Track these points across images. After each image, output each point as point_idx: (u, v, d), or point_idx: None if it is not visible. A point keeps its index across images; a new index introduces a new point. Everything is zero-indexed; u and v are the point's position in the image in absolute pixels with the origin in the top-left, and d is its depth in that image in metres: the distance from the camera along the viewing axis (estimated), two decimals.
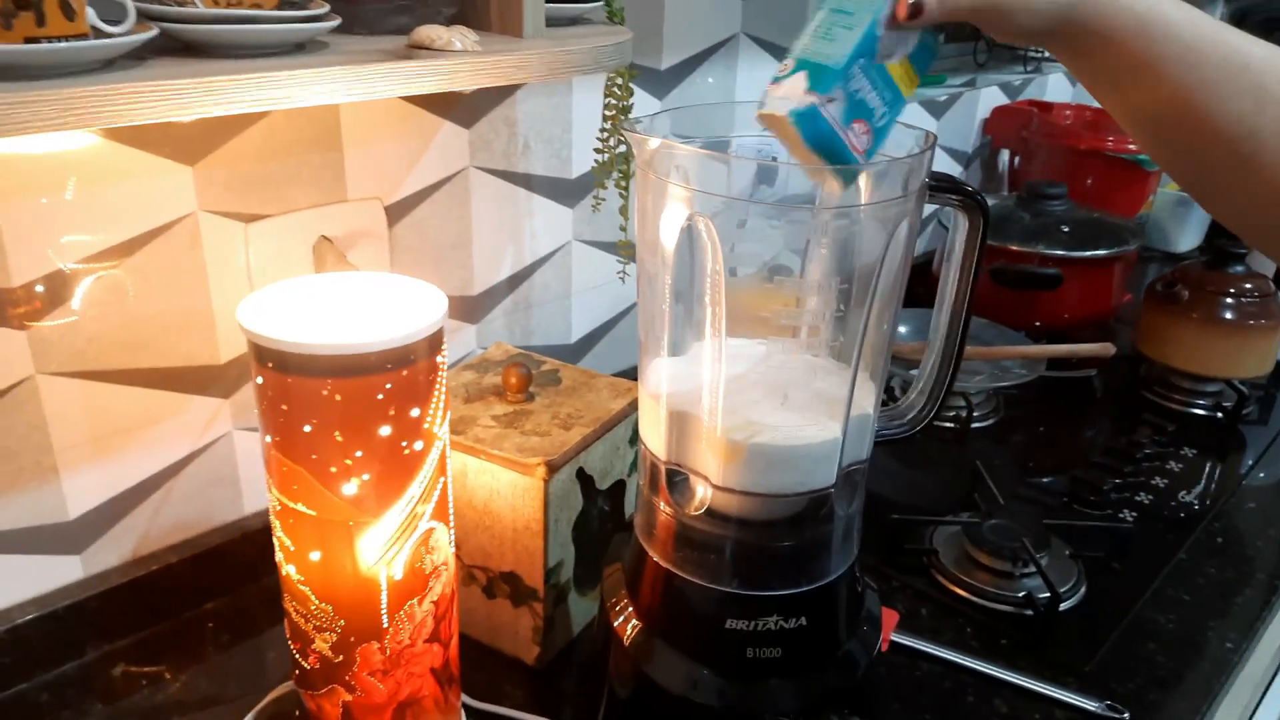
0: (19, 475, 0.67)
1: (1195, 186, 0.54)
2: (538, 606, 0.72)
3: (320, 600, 0.55)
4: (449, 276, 0.89)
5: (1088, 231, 1.31)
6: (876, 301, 0.53)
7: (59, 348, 0.66)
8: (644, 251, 0.56)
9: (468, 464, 0.70)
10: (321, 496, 0.52)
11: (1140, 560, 0.92)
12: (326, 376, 0.49)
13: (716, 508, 0.56)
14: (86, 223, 0.65)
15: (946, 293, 0.59)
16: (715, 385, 0.54)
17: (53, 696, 0.69)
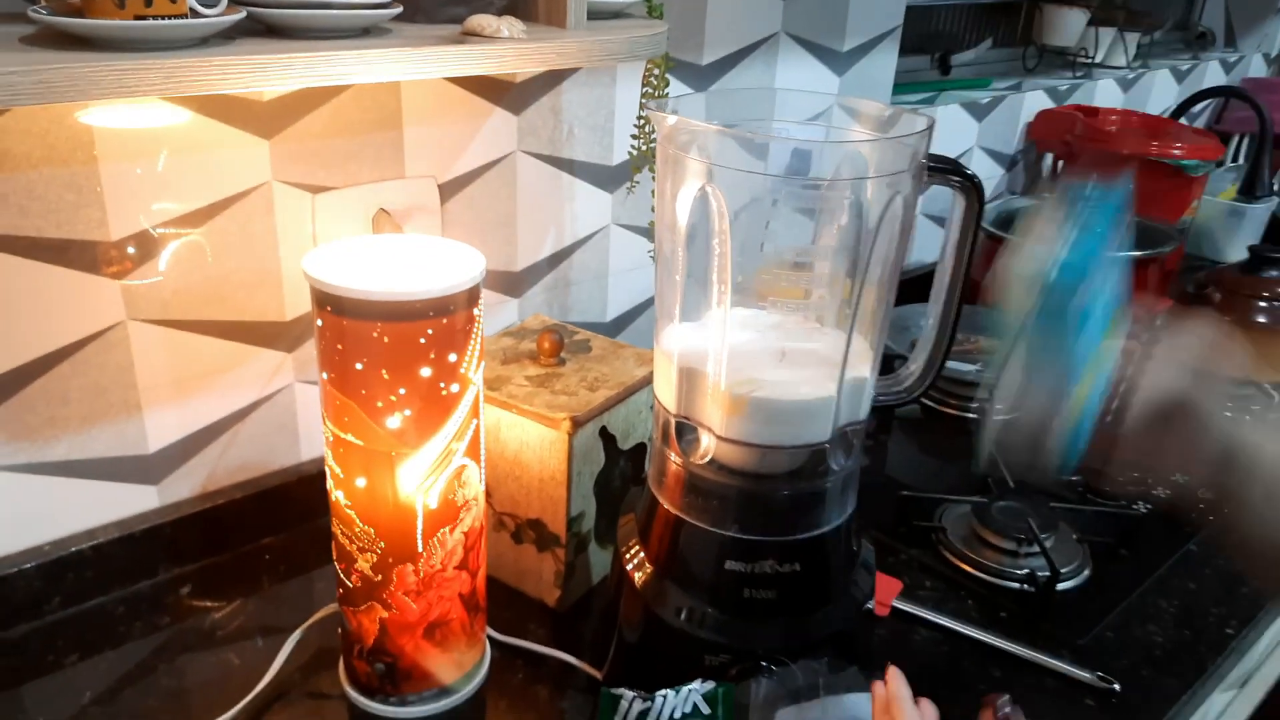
0: (109, 409, 0.75)
1: None
2: (560, 552, 0.79)
3: (364, 523, 0.62)
4: (494, 252, 0.96)
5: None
6: (871, 271, 0.58)
7: (147, 298, 0.74)
8: (661, 224, 0.62)
9: (501, 418, 0.77)
10: (368, 428, 0.59)
11: (1148, 548, 0.94)
12: (377, 320, 0.56)
13: (719, 458, 0.62)
14: (175, 189, 0.73)
15: (945, 269, 0.63)
16: (721, 346, 0.59)
17: (127, 610, 0.77)
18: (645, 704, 0.62)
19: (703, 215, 0.58)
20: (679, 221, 0.59)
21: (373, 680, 0.68)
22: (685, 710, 0.62)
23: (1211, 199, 1.74)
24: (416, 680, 0.68)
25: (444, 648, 0.68)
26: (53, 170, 0.67)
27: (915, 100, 1.48)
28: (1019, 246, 0.64)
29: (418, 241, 0.64)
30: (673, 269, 0.61)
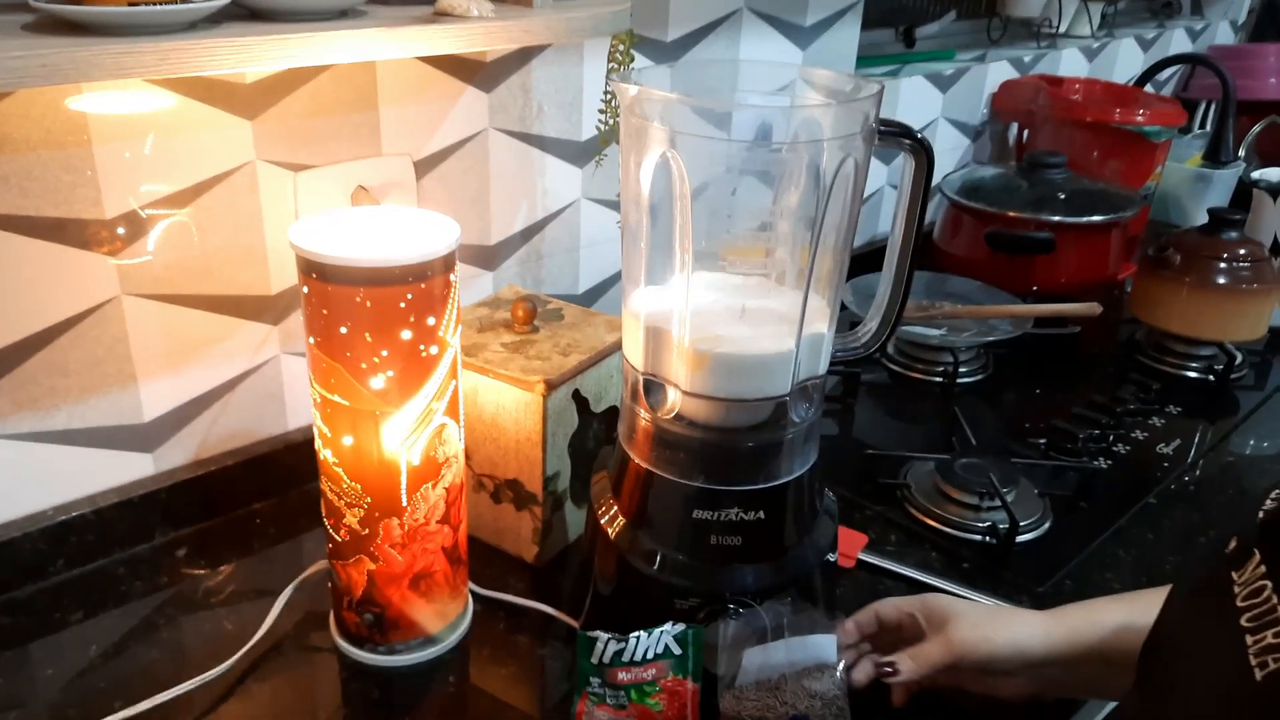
0: (105, 380, 0.78)
1: None
2: (537, 510, 0.83)
3: (351, 480, 0.66)
4: (469, 226, 0.99)
5: (1085, 199, 1.37)
6: (826, 232, 0.62)
7: (139, 274, 0.78)
8: (626, 194, 0.66)
9: (479, 383, 0.80)
10: (353, 389, 0.63)
11: (1108, 501, 0.97)
12: (359, 286, 0.59)
13: (685, 412, 0.66)
14: (164, 169, 0.76)
15: (897, 231, 0.67)
16: (685, 307, 0.63)
17: (128, 571, 0.81)
18: (620, 644, 0.66)
19: (665, 183, 0.61)
20: (643, 189, 0.62)
21: (362, 630, 0.72)
22: (657, 650, 0.66)
23: (1178, 165, 1.77)
24: (403, 629, 0.72)
25: (429, 598, 0.72)
26: (50, 153, 0.70)
27: (879, 73, 1.51)
28: None
29: (396, 212, 0.68)
30: (638, 236, 0.65)
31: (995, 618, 0.65)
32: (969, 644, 0.63)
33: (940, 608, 0.66)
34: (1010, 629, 0.64)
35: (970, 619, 0.65)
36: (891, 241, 0.71)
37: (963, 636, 0.63)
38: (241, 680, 0.71)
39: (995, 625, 0.64)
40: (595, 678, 0.66)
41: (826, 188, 0.61)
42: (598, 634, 0.66)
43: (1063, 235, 1.33)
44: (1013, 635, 0.63)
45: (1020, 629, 0.64)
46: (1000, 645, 0.63)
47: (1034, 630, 0.64)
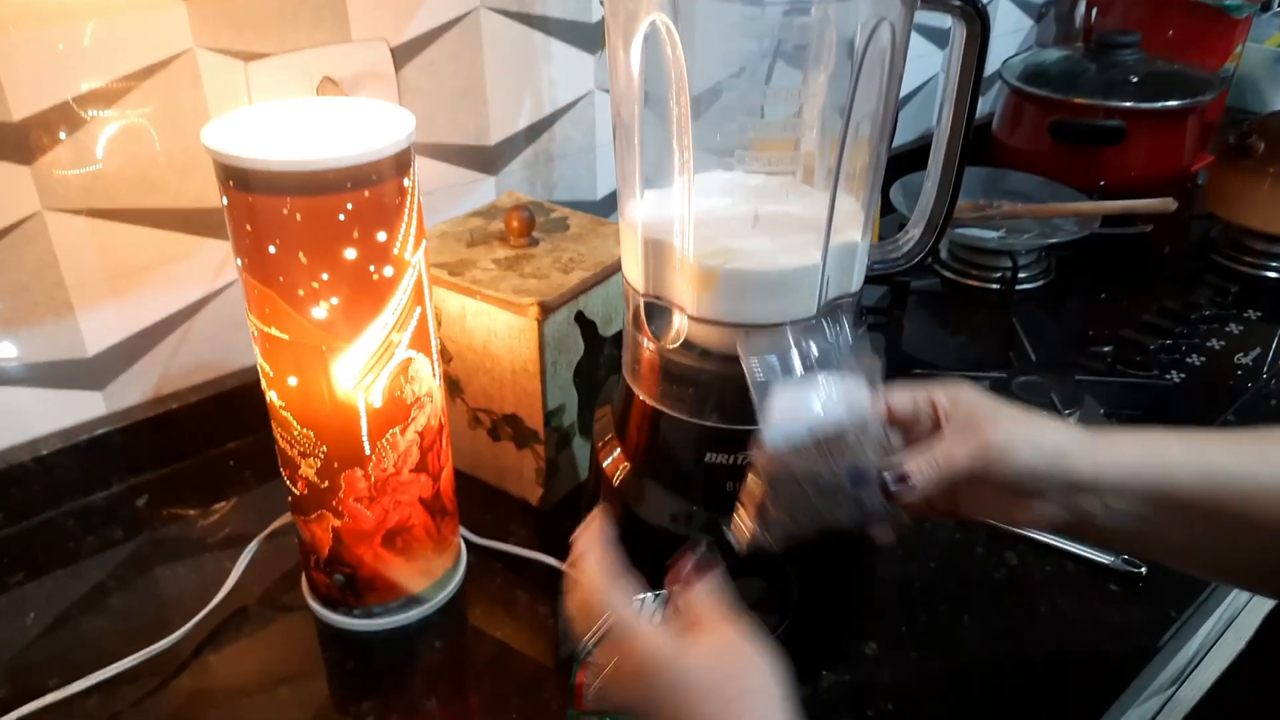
0: (34, 309, 0.69)
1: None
2: (540, 449, 0.73)
3: (302, 426, 0.56)
4: (463, 124, 0.87)
5: (1160, 83, 1.21)
6: (858, 117, 0.49)
7: (64, 185, 0.67)
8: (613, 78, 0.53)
9: (465, 305, 0.70)
10: (292, 320, 0.52)
11: (1182, 420, 0.87)
12: (286, 194, 0.48)
13: (694, 340, 0.55)
14: (82, 60, 0.65)
15: (944, 115, 0.54)
16: (686, 213, 0.51)
17: (79, 524, 0.73)
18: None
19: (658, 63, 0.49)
20: (633, 70, 0.50)
21: (334, 592, 0.63)
22: (665, 616, 0.57)
23: (1257, 46, 1.59)
24: (381, 590, 0.63)
25: (408, 555, 0.63)
26: None
27: None
28: None
29: (342, 104, 0.56)
30: (631, 131, 0.52)
31: (1035, 420, 0.50)
32: (1007, 447, 0.48)
33: (969, 398, 0.50)
34: (1054, 436, 0.49)
35: (1008, 415, 0.49)
36: (939, 129, 0.58)
37: (1000, 437, 0.48)
38: (198, 651, 0.63)
39: (1037, 428, 0.49)
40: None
41: (857, 65, 0.48)
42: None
43: (1134, 123, 1.18)
44: (1057, 443, 0.49)
45: (1064, 438, 0.49)
46: (1045, 452, 0.48)
47: (1081, 443, 0.49)
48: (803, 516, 0.49)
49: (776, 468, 0.48)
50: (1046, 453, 0.48)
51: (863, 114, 0.50)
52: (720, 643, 0.45)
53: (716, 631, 0.45)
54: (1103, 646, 0.64)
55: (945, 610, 0.67)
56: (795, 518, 0.49)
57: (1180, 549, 0.52)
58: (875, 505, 0.49)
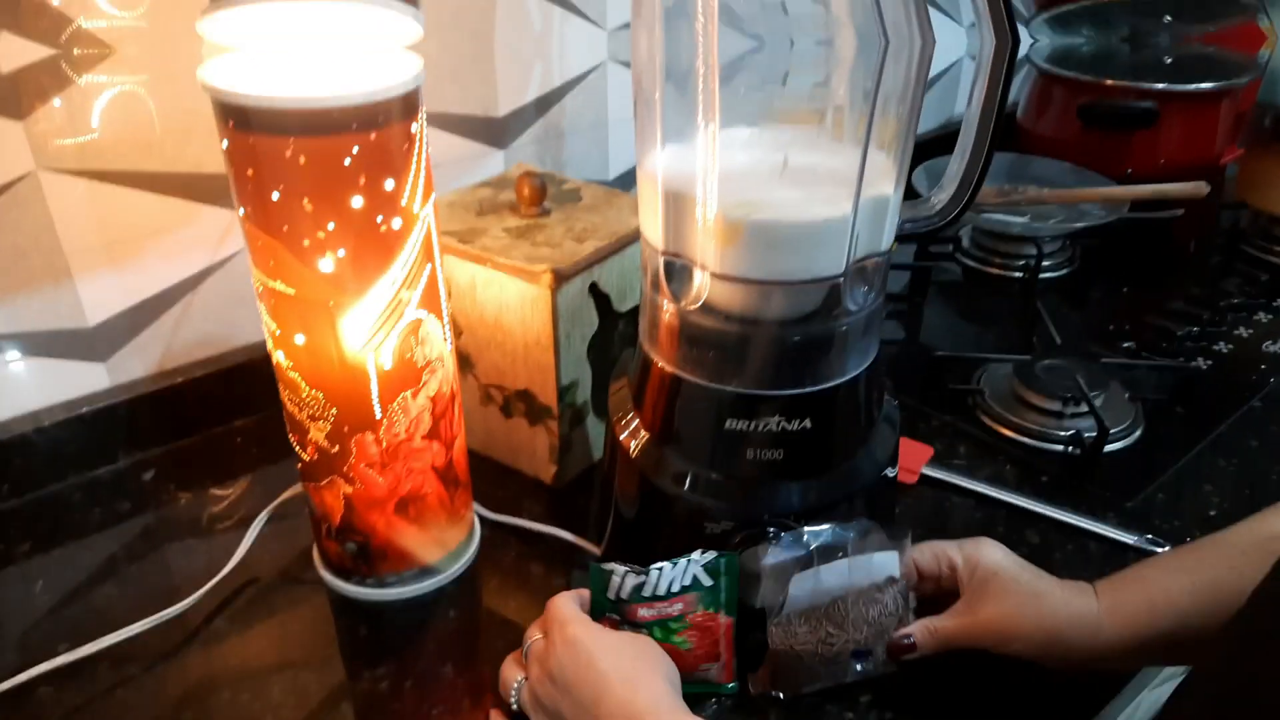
0: (31, 275, 0.67)
1: None
2: (553, 425, 0.71)
3: (311, 387, 0.55)
4: (470, 93, 0.85)
5: (1194, 65, 1.18)
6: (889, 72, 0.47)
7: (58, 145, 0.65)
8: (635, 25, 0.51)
9: (476, 275, 0.68)
10: (299, 273, 0.50)
11: (1208, 406, 0.85)
12: (289, 135, 0.46)
13: (715, 300, 0.53)
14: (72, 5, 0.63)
15: (982, 66, 0.52)
16: (711, 160, 0.49)
17: (85, 496, 0.71)
18: (640, 577, 0.54)
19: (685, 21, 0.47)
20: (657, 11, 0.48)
21: (346, 561, 0.61)
22: (684, 583, 0.54)
23: None
24: (394, 560, 0.61)
25: (421, 525, 0.61)
26: None
27: None
28: None
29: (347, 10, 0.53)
30: (652, 82, 0.50)
31: (1042, 602, 0.52)
32: (1002, 630, 0.52)
33: (986, 565, 0.54)
34: (1057, 621, 0.52)
35: (1013, 597, 0.53)
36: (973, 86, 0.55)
37: (998, 621, 0.52)
38: (209, 619, 0.61)
39: (1039, 612, 0.52)
40: (613, 614, 0.55)
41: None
42: (613, 567, 0.55)
43: (1167, 106, 1.15)
44: (1059, 630, 0.52)
45: (1070, 622, 0.52)
46: (1039, 642, 0.52)
47: (1086, 624, 0.52)
48: (808, 678, 0.55)
49: (783, 644, 0.54)
50: (1043, 640, 0.52)
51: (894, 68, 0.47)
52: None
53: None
54: None
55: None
56: (801, 681, 0.55)
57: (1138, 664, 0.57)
58: (874, 669, 0.55)
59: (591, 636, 0.49)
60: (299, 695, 0.56)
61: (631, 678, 0.47)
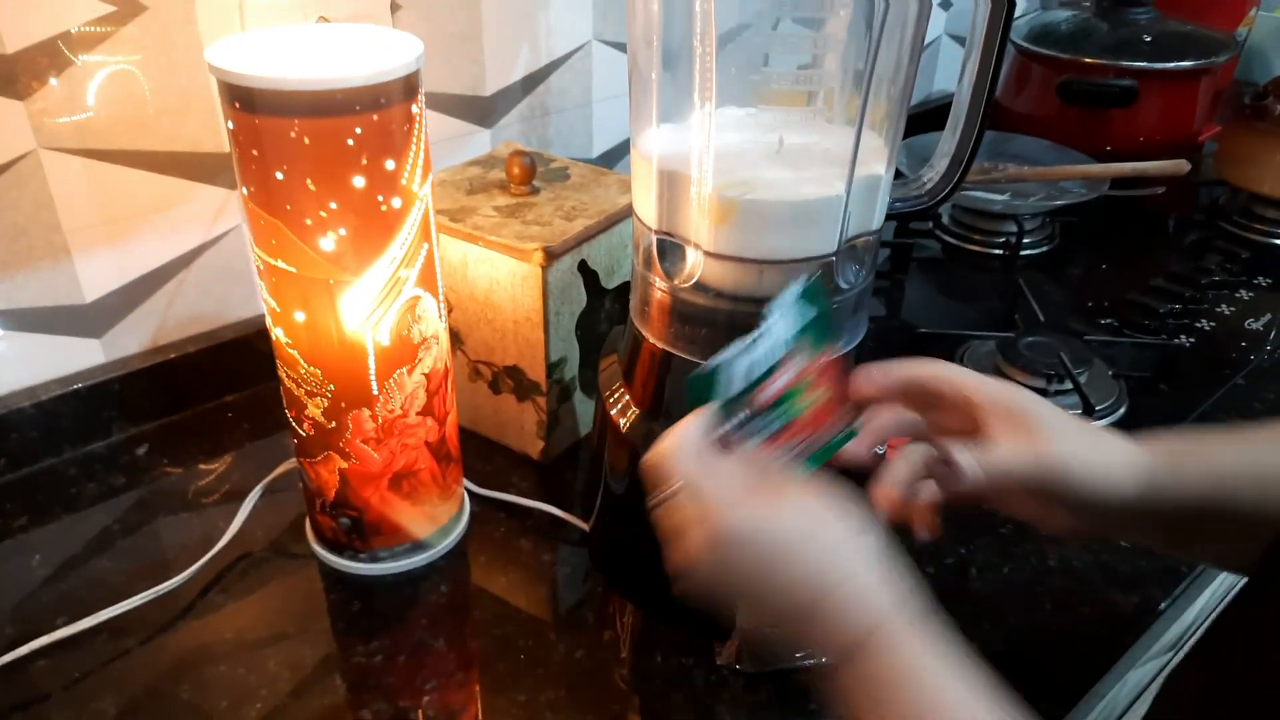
0: (30, 252, 0.67)
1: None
2: (541, 401, 0.72)
3: (309, 364, 0.55)
4: (458, 71, 0.85)
5: (1173, 43, 1.19)
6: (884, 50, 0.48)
7: (59, 124, 0.65)
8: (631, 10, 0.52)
9: (467, 253, 0.69)
10: (299, 252, 0.51)
11: (1191, 382, 0.87)
12: (294, 116, 0.47)
13: (708, 278, 0.54)
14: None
15: (974, 43, 0.53)
16: (706, 143, 0.50)
17: (80, 471, 0.72)
18: (748, 353, 0.45)
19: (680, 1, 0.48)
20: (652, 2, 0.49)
21: (339, 536, 0.62)
22: (794, 331, 0.47)
23: (1268, 15, 1.58)
24: (386, 534, 0.62)
25: (414, 500, 0.62)
26: None
27: None
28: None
29: (348, 30, 0.55)
30: (648, 61, 0.51)
31: (1091, 435, 0.46)
32: (1062, 462, 0.45)
33: (1019, 402, 0.46)
34: (1110, 456, 0.46)
35: (1062, 427, 0.46)
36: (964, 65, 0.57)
37: (1057, 449, 0.45)
38: (204, 592, 0.62)
39: (1093, 445, 0.46)
40: (738, 416, 0.46)
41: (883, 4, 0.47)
42: (711, 364, 0.44)
43: (1146, 84, 1.16)
44: (1110, 465, 0.45)
45: (1121, 460, 0.46)
46: (1097, 474, 0.45)
47: (1137, 466, 0.46)
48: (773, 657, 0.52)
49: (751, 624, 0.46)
50: (1100, 473, 0.45)
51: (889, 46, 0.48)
52: (806, 506, 0.42)
53: (801, 497, 0.42)
54: (1112, 599, 0.64)
55: (953, 563, 0.66)
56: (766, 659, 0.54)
57: (1209, 550, 0.51)
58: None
59: (752, 528, 0.40)
60: (293, 668, 0.57)
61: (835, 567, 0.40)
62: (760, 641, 0.53)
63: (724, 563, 0.41)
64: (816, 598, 0.40)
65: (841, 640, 0.39)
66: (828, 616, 0.40)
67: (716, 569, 0.41)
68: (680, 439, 0.43)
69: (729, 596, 0.42)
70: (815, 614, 0.40)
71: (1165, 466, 0.46)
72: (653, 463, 0.44)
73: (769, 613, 0.41)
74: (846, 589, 0.40)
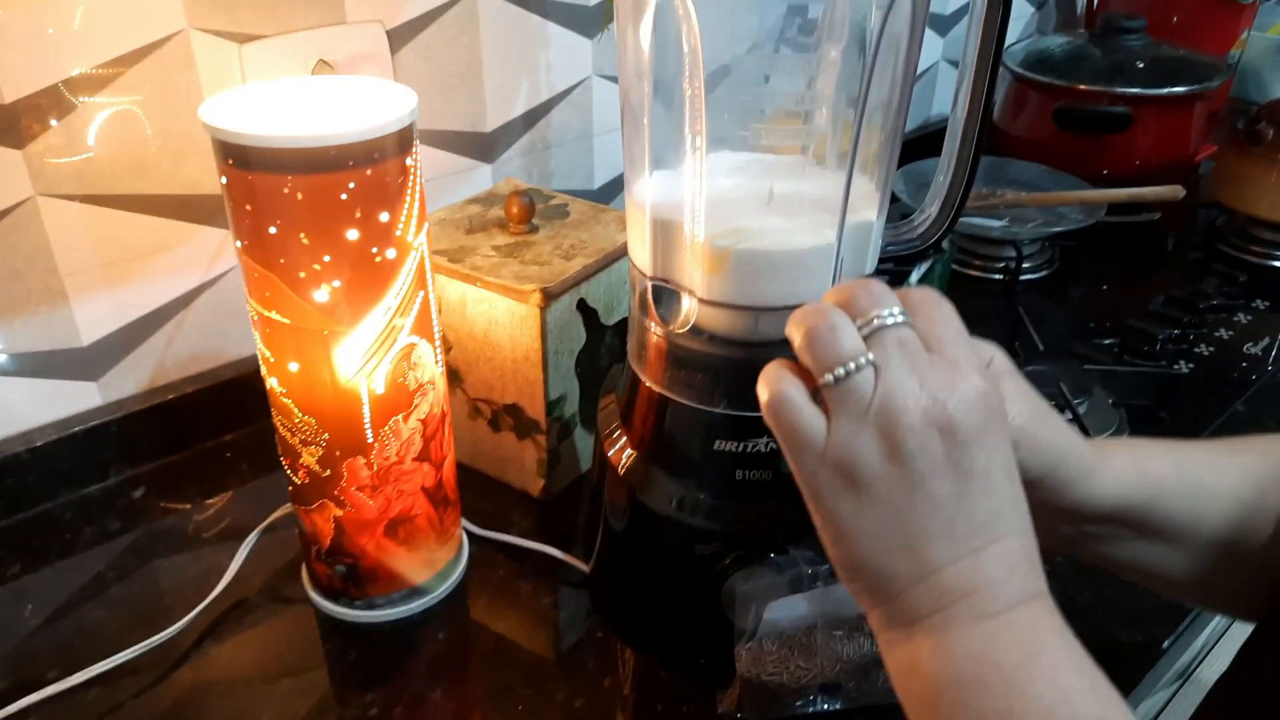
0: (28, 297, 0.67)
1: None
2: (541, 439, 0.72)
3: (303, 413, 0.55)
4: (459, 109, 0.86)
5: (1166, 68, 1.20)
6: (874, 99, 0.48)
7: (56, 170, 0.66)
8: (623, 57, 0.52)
9: (466, 293, 0.69)
10: (294, 304, 0.51)
11: (1191, 410, 0.87)
12: (287, 173, 0.47)
13: (703, 324, 0.54)
14: (73, 41, 0.64)
15: (963, 85, 0.53)
16: (698, 192, 0.50)
17: (76, 515, 0.71)
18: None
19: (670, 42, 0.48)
20: (643, 47, 0.49)
21: (335, 582, 0.62)
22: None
23: (1260, 35, 1.58)
24: (383, 581, 0.62)
25: (410, 546, 0.61)
26: None
27: None
28: None
29: (343, 82, 0.55)
30: (640, 111, 0.51)
31: (1054, 419, 0.44)
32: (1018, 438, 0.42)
33: (999, 363, 0.44)
34: (1060, 444, 0.43)
35: (1031, 404, 0.43)
36: (954, 108, 0.57)
37: (1016, 428, 0.42)
38: (199, 642, 0.61)
39: (1053, 428, 0.43)
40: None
41: (874, 41, 0.47)
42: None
43: (1140, 110, 1.17)
44: (1062, 456, 0.43)
45: (1071, 451, 0.43)
46: (1043, 464, 0.43)
47: (1084, 460, 0.44)
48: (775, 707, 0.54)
49: (750, 672, 0.52)
50: (1054, 458, 0.43)
51: (878, 90, 0.48)
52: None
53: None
54: (1115, 635, 0.63)
55: None
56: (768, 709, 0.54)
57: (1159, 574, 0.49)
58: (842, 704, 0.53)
59: (966, 410, 0.35)
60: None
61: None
62: (759, 689, 0.53)
63: (932, 458, 0.35)
64: (987, 542, 0.35)
65: (1003, 595, 0.35)
66: (991, 572, 0.35)
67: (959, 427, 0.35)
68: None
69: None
70: (977, 563, 0.35)
71: (1095, 455, 0.45)
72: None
73: (931, 554, 0.36)
74: (1018, 543, 0.36)
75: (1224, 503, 0.47)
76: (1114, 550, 0.49)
